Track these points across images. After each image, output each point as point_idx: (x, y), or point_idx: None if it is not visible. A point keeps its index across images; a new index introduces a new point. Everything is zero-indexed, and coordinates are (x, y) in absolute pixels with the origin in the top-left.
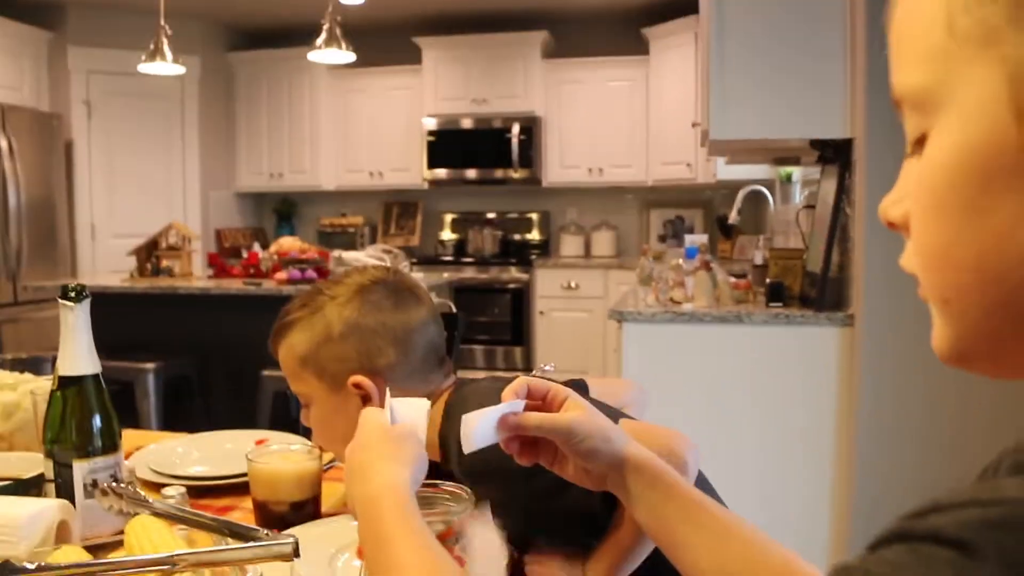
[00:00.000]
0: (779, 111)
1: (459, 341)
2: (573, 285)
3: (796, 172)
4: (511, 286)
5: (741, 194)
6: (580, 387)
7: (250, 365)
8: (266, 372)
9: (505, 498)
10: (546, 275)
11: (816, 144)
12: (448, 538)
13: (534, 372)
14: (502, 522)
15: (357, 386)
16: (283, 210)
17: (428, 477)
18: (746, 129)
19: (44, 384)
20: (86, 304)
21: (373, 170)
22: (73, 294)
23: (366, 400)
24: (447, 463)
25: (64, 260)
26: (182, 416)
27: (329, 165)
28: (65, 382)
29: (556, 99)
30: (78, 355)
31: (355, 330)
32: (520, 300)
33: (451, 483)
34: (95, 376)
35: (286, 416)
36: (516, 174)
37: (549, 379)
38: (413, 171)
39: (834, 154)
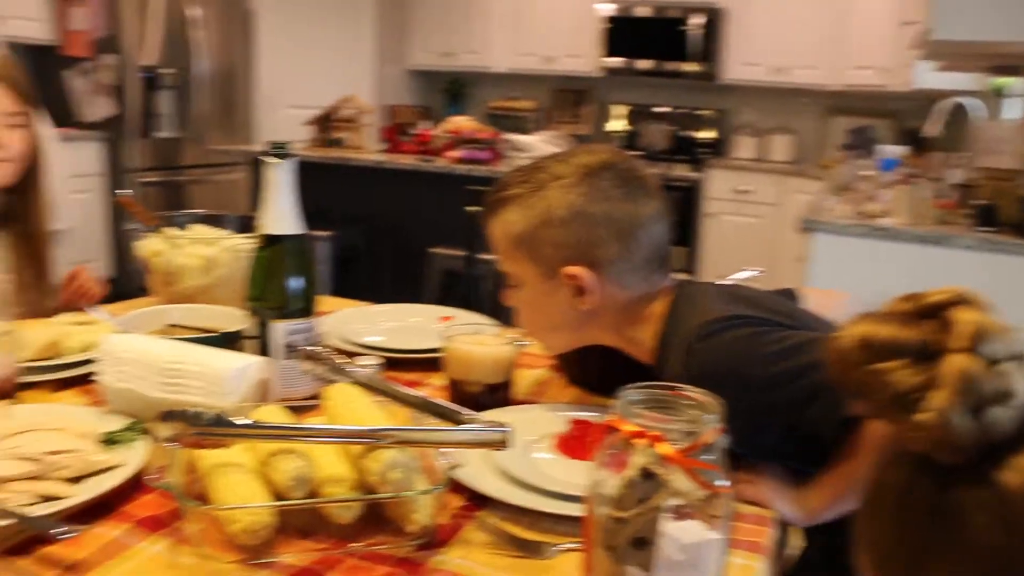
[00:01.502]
0: (1019, 9)
1: None
2: (745, 189)
3: (1013, 84)
4: (679, 184)
5: (946, 104)
6: (789, 295)
7: (419, 241)
8: (434, 249)
9: (732, 407)
10: (717, 176)
11: None
12: (694, 451)
13: (728, 279)
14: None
15: (572, 276)
16: (452, 90)
17: (637, 380)
18: (978, 29)
19: (245, 242)
20: (291, 162)
21: (546, 54)
22: (279, 151)
23: (579, 292)
24: (661, 367)
25: (243, 128)
26: (350, 286)
27: (503, 47)
28: (268, 240)
29: None
30: (281, 214)
31: (578, 217)
32: (688, 200)
33: (692, 388)
34: (298, 236)
35: (451, 294)
36: (693, 68)
37: (750, 284)
38: (586, 58)
39: None
